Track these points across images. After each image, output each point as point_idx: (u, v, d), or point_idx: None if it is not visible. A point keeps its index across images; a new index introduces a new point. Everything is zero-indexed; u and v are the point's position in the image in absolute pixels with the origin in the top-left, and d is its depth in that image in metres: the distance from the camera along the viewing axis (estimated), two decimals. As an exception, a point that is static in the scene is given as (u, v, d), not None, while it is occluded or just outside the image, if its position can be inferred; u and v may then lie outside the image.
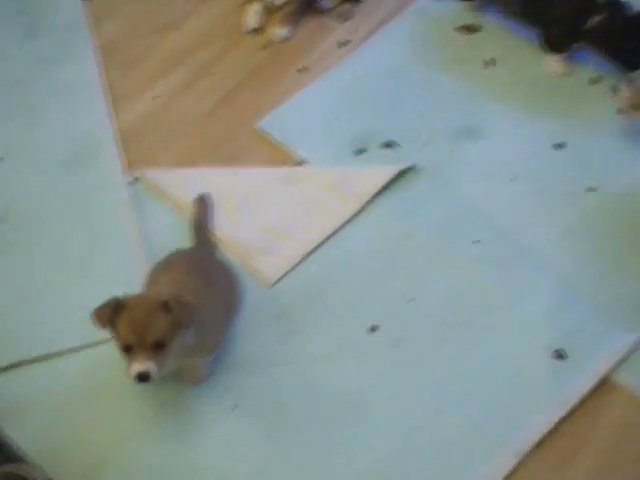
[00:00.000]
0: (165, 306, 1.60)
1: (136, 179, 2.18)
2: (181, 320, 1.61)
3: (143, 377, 1.59)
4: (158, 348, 1.59)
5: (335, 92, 2.35)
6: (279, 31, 2.50)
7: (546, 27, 2.35)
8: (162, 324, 1.59)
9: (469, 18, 2.52)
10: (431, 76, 2.38)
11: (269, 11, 2.53)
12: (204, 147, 2.26)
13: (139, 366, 1.58)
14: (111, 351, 1.66)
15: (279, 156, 2.23)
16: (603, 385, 1.80)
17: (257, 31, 2.52)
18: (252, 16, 2.52)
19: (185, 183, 2.14)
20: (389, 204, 2.11)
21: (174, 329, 1.60)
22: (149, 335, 1.58)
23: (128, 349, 1.60)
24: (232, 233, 2.06)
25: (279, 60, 2.46)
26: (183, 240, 1.97)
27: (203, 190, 2.08)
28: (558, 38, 2.35)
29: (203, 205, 2.06)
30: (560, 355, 1.84)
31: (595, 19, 2.24)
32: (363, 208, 2.09)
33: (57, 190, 2.17)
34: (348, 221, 2.08)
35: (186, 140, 2.28)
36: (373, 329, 1.89)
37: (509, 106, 2.30)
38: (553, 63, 2.36)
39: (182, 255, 1.87)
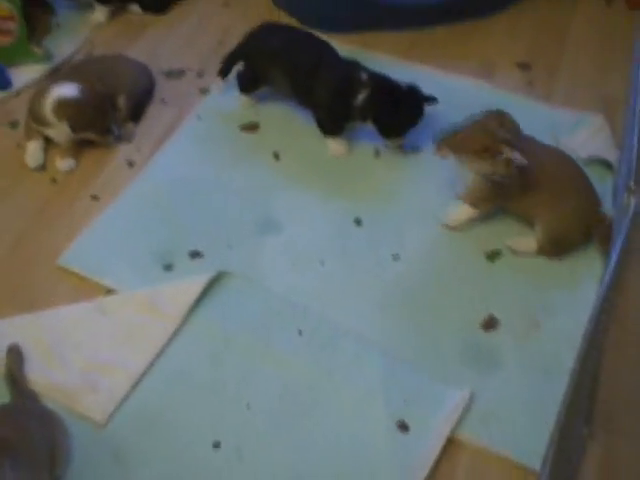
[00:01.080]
0: None
1: None
2: None
3: None
4: None
5: (132, 212, 2.33)
6: (63, 163, 2.46)
7: (316, 110, 2.45)
8: None
9: (249, 116, 2.59)
10: (223, 178, 2.41)
11: (50, 144, 2.50)
12: (5, 295, 2.16)
13: None
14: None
15: (87, 288, 2.17)
16: (449, 445, 1.84)
17: (42, 166, 2.47)
18: (33, 153, 2.47)
19: (-9, 339, 2.03)
20: (206, 313, 2.09)
21: None
22: None
23: None
24: (53, 378, 1.96)
25: (70, 191, 2.42)
26: (3, 397, 1.87)
27: (12, 341, 2.00)
28: (329, 121, 2.45)
29: (15, 356, 1.98)
30: (403, 426, 1.86)
31: (360, 97, 2.35)
32: (182, 323, 2.07)
33: None
34: (170, 339, 2.05)
35: (-17, 293, 2.18)
36: (216, 445, 1.85)
37: (304, 193, 2.37)
38: (334, 145, 2.46)
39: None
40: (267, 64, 2.52)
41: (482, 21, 2.91)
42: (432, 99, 2.36)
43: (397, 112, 2.34)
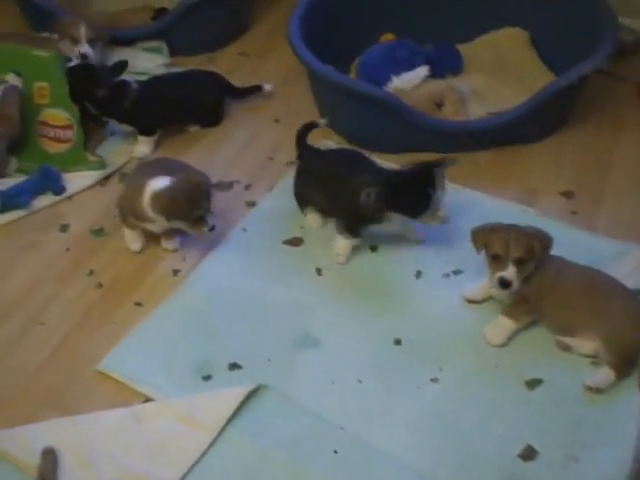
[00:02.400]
0: None
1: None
2: None
3: None
4: None
5: (174, 321, 2.36)
6: (170, 244, 2.59)
7: (343, 218, 2.50)
8: None
9: (294, 231, 2.63)
10: (265, 291, 2.44)
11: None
12: (45, 398, 2.18)
13: None
14: None
15: (126, 394, 2.18)
16: None
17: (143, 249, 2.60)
18: (134, 239, 2.57)
19: (28, 441, 2.03)
20: (242, 427, 2.08)
21: None
22: None
23: None
24: (85, 486, 1.97)
25: (115, 296, 2.46)
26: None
27: (48, 444, 2.00)
28: (353, 226, 2.49)
29: (50, 460, 1.98)
30: None
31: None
32: (218, 435, 2.05)
33: None
34: (205, 451, 2.03)
35: (25, 394, 2.19)
36: None
37: (345, 310, 2.38)
38: (340, 244, 2.50)
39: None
40: (306, 182, 2.62)
41: (526, 147, 2.97)
42: (444, 162, 2.39)
43: (409, 197, 2.36)
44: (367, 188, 2.37)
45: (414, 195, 2.36)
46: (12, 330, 2.36)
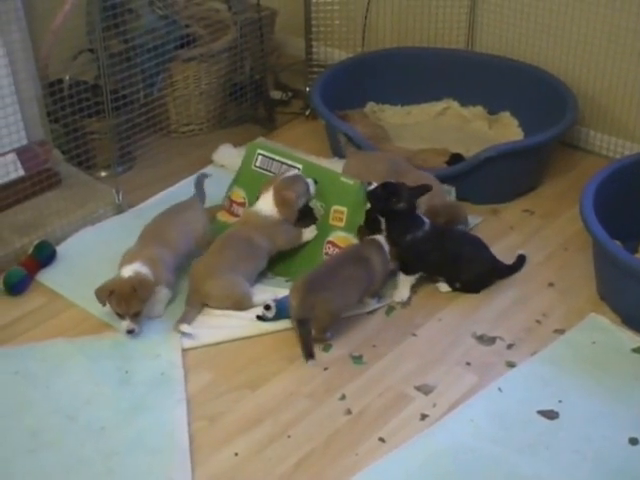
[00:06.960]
0: None
1: None
2: None
3: None
4: None
5: (412, 467, 2.32)
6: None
7: None
8: None
9: (550, 403, 2.53)
10: (511, 461, 2.34)
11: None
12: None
13: None
14: None
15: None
16: None
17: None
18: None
19: None
20: None
21: None
22: None
23: None
24: None
25: (361, 426, 2.48)
26: None
27: None
28: None
29: None
30: None
31: None
32: None
33: None
34: None
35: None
36: None
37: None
38: None
39: None
40: None
41: None
42: None
43: None
44: None
45: None
46: (260, 436, 2.45)
